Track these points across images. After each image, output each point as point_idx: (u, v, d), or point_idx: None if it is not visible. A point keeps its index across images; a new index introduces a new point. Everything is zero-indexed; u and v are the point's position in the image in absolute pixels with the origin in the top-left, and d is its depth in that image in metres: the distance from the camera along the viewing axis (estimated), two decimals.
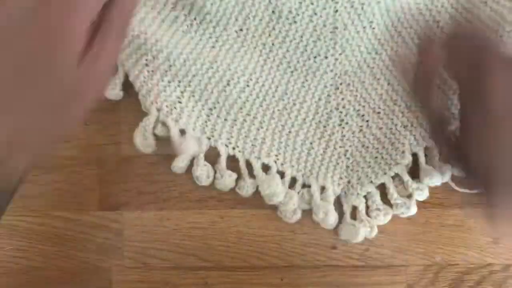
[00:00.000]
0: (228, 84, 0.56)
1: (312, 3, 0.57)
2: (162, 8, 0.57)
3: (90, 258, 0.56)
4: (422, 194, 0.55)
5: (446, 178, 0.55)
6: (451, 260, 0.55)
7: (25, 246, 0.56)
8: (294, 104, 0.57)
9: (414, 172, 0.55)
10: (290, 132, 0.57)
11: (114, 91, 0.55)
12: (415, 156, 0.55)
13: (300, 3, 0.57)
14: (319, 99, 0.57)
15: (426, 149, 0.55)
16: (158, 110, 0.53)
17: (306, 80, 0.57)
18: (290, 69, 0.57)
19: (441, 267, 0.55)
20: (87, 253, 0.56)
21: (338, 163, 0.56)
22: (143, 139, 0.53)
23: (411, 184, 0.54)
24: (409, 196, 0.55)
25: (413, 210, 0.55)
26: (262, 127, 0.56)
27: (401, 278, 0.55)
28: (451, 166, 0.54)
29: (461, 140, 0.50)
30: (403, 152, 0.55)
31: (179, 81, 0.55)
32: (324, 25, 0.57)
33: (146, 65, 0.54)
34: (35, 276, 0.56)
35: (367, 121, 0.57)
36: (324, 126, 0.57)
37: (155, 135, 0.53)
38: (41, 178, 0.56)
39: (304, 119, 0.57)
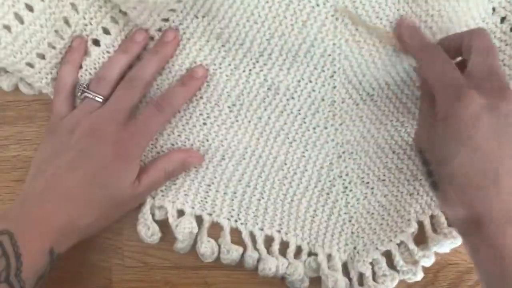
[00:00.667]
0: (223, 159, 0.55)
1: (310, 81, 0.54)
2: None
3: (90, 257, 0.56)
4: (428, 261, 0.54)
5: (455, 244, 0.53)
6: (451, 259, 0.54)
7: None
8: (295, 173, 0.56)
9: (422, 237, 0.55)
10: (292, 200, 0.56)
11: None
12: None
13: (299, 81, 0.54)
14: (321, 167, 0.55)
15: (432, 217, 0.54)
16: (153, 197, 0.53)
17: (306, 150, 0.55)
18: (288, 140, 0.55)
19: (441, 267, 0.54)
20: (87, 253, 0.56)
21: (343, 229, 0.55)
22: (146, 230, 0.52)
23: (417, 252, 0.53)
24: (415, 262, 0.54)
25: (419, 276, 0.54)
26: (263, 198, 0.56)
27: None
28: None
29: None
30: (408, 220, 0.54)
31: None
32: (323, 99, 0.54)
33: None
34: None
35: (372, 188, 0.55)
36: (328, 194, 0.55)
37: (155, 221, 0.53)
38: None
39: (306, 187, 0.56)
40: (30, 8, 0.50)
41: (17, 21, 0.49)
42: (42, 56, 0.51)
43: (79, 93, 0.52)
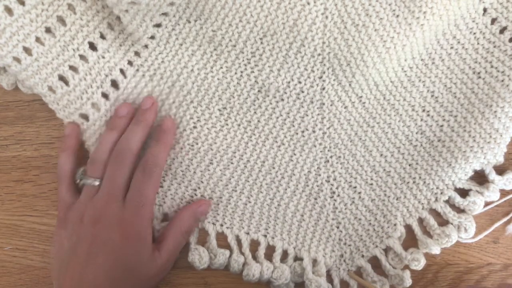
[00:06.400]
0: (211, 163, 0.51)
1: (299, 82, 0.51)
2: (135, 99, 0.52)
3: None
4: (418, 264, 0.50)
5: (450, 242, 0.51)
6: (450, 259, 0.51)
7: (25, 246, 0.53)
8: (283, 178, 0.52)
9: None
10: (279, 205, 0.52)
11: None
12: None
13: (288, 82, 0.51)
14: (309, 172, 0.52)
15: (420, 220, 0.51)
16: None
17: (294, 154, 0.52)
18: (276, 143, 0.52)
19: (441, 267, 0.51)
20: None
21: (330, 235, 0.52)
22: None
23: (406, 256, 0.50)
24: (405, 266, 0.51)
25: (408, 282, 0.50)
26: (250, 202, 0.52)
27: None
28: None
29: None
30: (395, 224, 0.50)
31: None
32: (311, 102, 0.52)
33: None
34: (35, 275, 0.53)
35: (359, 192, 0.51)
36: (315, 198, 0.52)
37: None
38: (41, 178, 0.53)
39: (294, 192, 0.52)
40: (21, 2, 0.47)
41: (6, 14, 0.47)
42: (29, 51, 0.48)
43: (78, 181, 0.50)
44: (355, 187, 0.52)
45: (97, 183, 0.49)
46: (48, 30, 0.49)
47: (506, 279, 0.52)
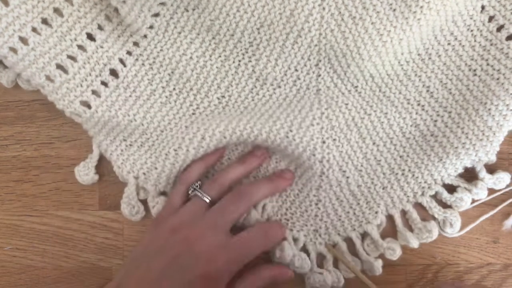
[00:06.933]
0: (203, 138, 0.51)
1: (296, 70, 0.52)
2: (136, 86, 0.52)
3: (90, 257, 0.53)
4: (394, 254, 0.51)
5: (430, 238, 0.51)
6: (450, 259, 0.52)
7: (25, 246, 0.53)
8: (274, 153, 0.52)
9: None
10: (267, 172, 0.53)
11: (89, 176, 0.53)
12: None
13: (286, 71, 0.52)
14: (304, 150, 0.51)
15: (404, 212, 0.52)
16: (136, 178, 0.51)
17: (291, 131, 0.51)
18: (272, 119, 0.51)
19: (441, 267, 0.51)
20: (87, 253, 0.53)
21: (307, 210, 0.52)
22: (131, 209, 0.52)
23: (382, 243, 0.50)
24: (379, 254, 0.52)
25: (378, 271, 0.51)
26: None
27: (401, 277, 0.52)
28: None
29: None
30: (376, 212, 0.51)
31: (155, 148, 0.52)
32: (308, 88, 0.52)
33: (124, 140, 0.52)
34: (35, 275, 0.53)
35: (348, 177, 0.52)
36: (303, 172, 0.52)
37: (140, 200, 0.52)
38: (41, 178, 0.54)
39: (280, 162, 0.53)
40: None
41: (2, 4, 0.48)
42: (25, 41, 0.49)
43: (191, 191, 0.50)
44: (344, 171, 0.52)
45: (207, 199, 0.49)
46: (44, 21, 0.50)
47: (506, 279, 0.52)
